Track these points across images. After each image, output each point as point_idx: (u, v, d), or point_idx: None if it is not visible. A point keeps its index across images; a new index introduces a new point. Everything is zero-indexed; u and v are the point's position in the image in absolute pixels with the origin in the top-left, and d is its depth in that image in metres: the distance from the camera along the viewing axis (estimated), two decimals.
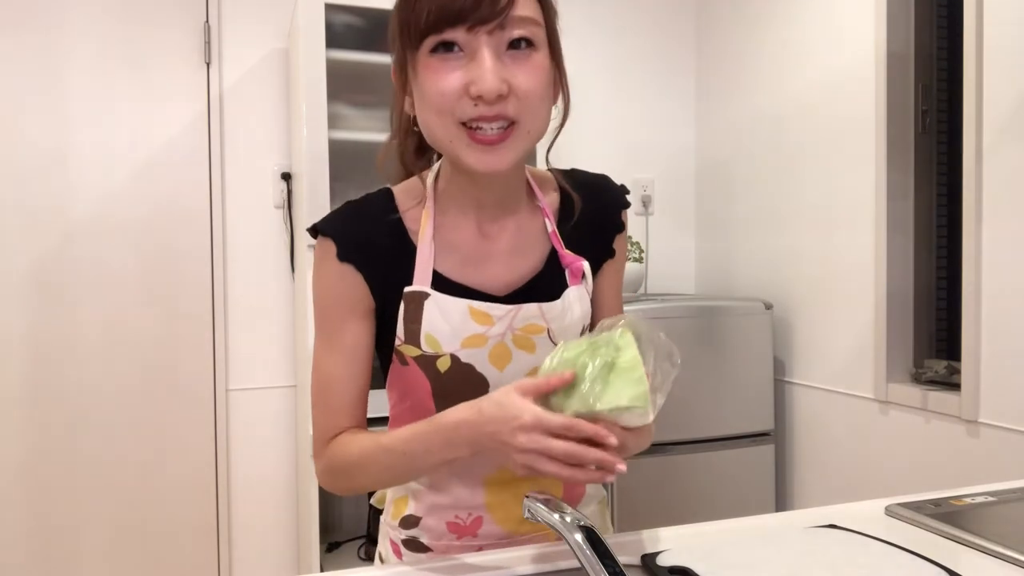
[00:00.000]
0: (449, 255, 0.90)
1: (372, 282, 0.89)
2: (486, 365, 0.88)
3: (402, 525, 0.98)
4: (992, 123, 1.75)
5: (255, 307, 2.47)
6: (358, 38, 2.20)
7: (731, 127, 2.72)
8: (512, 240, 0.92)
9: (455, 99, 0.78)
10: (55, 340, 2.28)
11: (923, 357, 2.09)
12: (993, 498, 1.02)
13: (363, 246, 0.89)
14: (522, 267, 0.91)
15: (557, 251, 0.93)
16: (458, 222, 0.91)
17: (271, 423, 2.49)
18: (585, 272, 0.93)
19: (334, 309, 0.90)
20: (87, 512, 2.32)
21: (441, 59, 0.78)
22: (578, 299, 0.92)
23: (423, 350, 0.88)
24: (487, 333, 0.87)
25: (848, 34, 2.17)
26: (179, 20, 2.38)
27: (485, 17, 0.76)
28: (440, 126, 0.80)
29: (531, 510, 0.68)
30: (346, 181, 2.28)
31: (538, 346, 0.89)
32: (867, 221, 2.12)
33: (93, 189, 2.32)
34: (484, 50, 0.77)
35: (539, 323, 0.89)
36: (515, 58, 0.78)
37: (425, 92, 0.79)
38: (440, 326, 0.87)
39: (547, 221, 0.94)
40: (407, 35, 0.79)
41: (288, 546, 2.52)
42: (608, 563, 0.59)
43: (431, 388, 0.90)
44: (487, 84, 0.76)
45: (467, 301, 0.87)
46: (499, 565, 0.84)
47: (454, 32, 0.76)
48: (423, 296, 0.87)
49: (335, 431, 0.89)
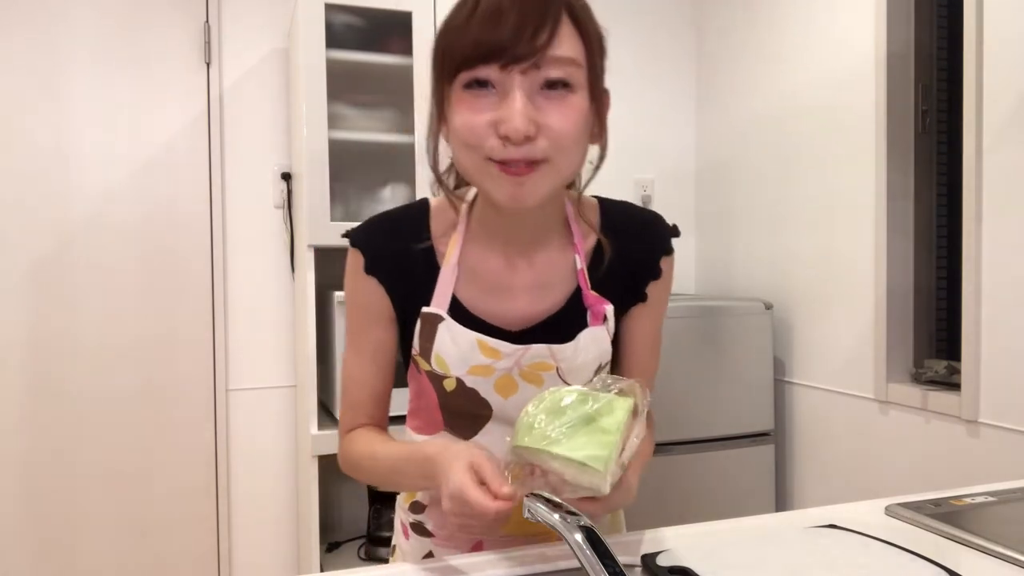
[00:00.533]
0: (471, 283, 0.91)
1: (394, 296, 0.92)
2: (491, 392, 0.90)
3: (411, 509, 1.02)
4: (992, 123, 1.75)
5: (255, 307, 2.47)
6: (358, 38, 2.20)
7: (731, 127, 2.72)
8: (537, 275, 0.91)
9: (484, 136, 0.77)
10: (55, 340, 2.28)
11: (923, 357, 2.09)
12: (993, 498, 1.02)
13: (389, 263, 0.92)
14: (544, 303, 0.91)
15: (582, 290, 0.92)
16: (486, 251, 0.91)
17: (271, 423, 2.49)
18: (607, 315, 0.92)
19: (359, 316, 0.94)
20: (87, 512, 2.32)
21: (474, 95, 0.77)
22: (594, 340, 0.91)
23: (432, 368, 0.91)
24: (494, 365, 0.89)
25: (848, 34, 2.17)
26: (179, 20, 2.38)
27: (520, 56, 0.74)
28: (469, 160, 0.80)
29: (531, 510, 0.68)
30: (346, 181, 2.28)
31: (546, 381, 0.90)
32: (867, 221, 2.12)
33: (93, 189, 2.32)
34: (516, 91, 0.75)
35: (548, 362, 0.89)
36: (549, 98, 0.77)
37: (455, 126, 0.79)
38: (450, 350, 0.89)
39: (577, 258, 0.92)
40: (442, 67, 0.79)
41: (288, 546, 2.52)
42: (608, 563, 0.59)
43: (438, 401, 0.94)
44: (514, 125, 0.74)
45: (477, 335, 0.88)
46: (499, 565, 0.84)
47: (487, 69, 0.75)
48: (438, 319, 0.89)
49: (353, 425, 0.96)
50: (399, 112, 2.25)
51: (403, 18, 2.16)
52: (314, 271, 2.12)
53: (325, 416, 2.20)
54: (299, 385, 2.35)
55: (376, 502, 2.31)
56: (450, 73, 0.78)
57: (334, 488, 2.53)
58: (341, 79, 2.17)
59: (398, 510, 1.07)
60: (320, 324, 2.20)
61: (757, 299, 2.46)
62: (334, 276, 2.45)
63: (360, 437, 0.95)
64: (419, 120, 2.18)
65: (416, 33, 2.16)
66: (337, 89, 2.15)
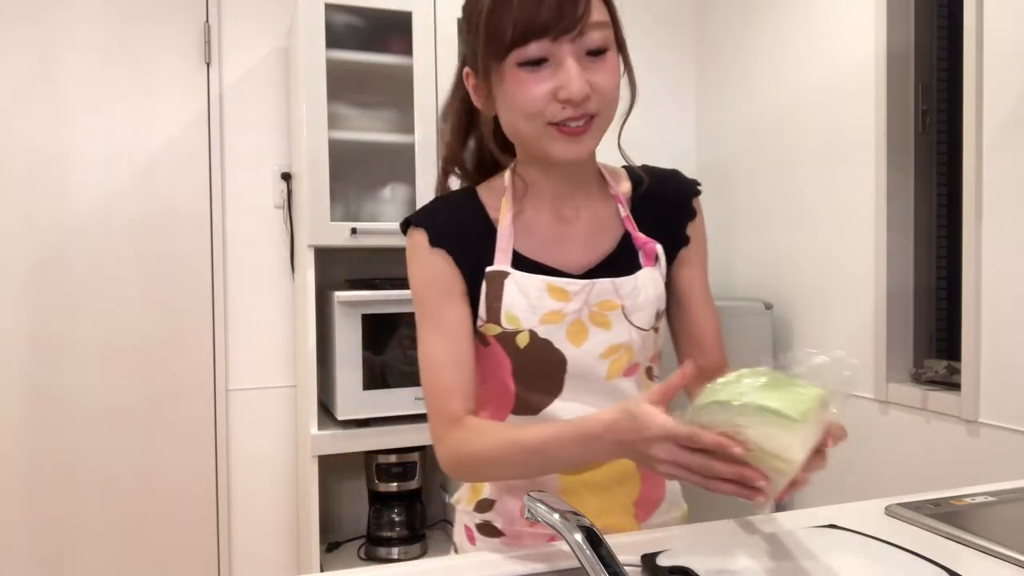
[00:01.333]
0: (528, 238, 0.96)
1: (462, 265, 0.94)
2: (563, 342, 0.93)
3: (477, 509, 1.02)
4: (992, 123, 1.75)
5: (255, 307, 2.47)
6: (358, 38, 2.20)
7: (731, 127, 2.72)
8: (587, 224, 0.97)
9: (544, 104, 0.85)
10: (55, 340, 2.28)
11: (923, 357, 2.09)
12: (993, 498, 1.02)
13: (451, 232, 0.95)
14: (597, 248, 0.97)
15: (630, 234, 0.98)
16: (536, 209, 0.97)
17: (271, 423, 2.49)
18: (658, 254, 0.98)
19: (431, 293, 0.95)
20: (87, 512, 2.32)
21: (529, 71, 0.85)
22: (652, 280, 0.96)
23: (503, 327, 0.93)
24: (564, 309, 0.92)
25: (848, 34, 2.17)
26: (179, 20, 2.38)
27: (567, 27, 0.83)
28: (529, 127, 0.87)
29: (531, 510, 0.68)
30: (346, 181, 2.28)
31: (613, 323, 0.94)
32: (867, 221, 2.12)
33: (93, 189, 2.32)
34: (568, 58, 0.84)
35: (613, 299, 0.94)
36: (593, 62, 0.86)
37: (515, 99, 0.86)
38: (519, 303, 0.92)
39: (620, 207, 0.99)
40: (492, 48, 0.85)
41: (288, 546, 2.52)
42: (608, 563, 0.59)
43: (511, 366, 0.95)
44: (574, 89, 0.83)
45: (545, 278, 0.92)
46: (499, 565, 0.84)
47: (539, 44, 0.83)
48: (503, 275, 0.93)
49: (452, 416, 0.91)
50: (399, 112, 2.25)
51: (403, 18, 2.16)
52: (314, 271, 2.12)
53: (325, 416, 2.20)
54: (299, 385, 2.35)
55: (376, 502, 2.32)
56: (500, 53, 0.85)
57: (334, 488, 2.53)
58: (341, 79, 2.17)
59: (460, 514, 1.06)
60: (320, 324, 2.20)
61: (757, 299, 2.46)
62: (334, 276, 2.46)
63: (482, 430, 0.89)
64: (419, 120, 2.18)
65: (416, 33, 2.16)
66: (337, 89, 2.15)
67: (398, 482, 2.26)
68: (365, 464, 2.31)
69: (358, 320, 2.09)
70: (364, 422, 2.12)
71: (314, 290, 2.12)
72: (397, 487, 2.27)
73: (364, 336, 2.09)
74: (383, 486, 2.27)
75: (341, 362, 2.08)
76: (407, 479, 2.27)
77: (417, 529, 2.32)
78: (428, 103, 2.17)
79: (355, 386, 2.09)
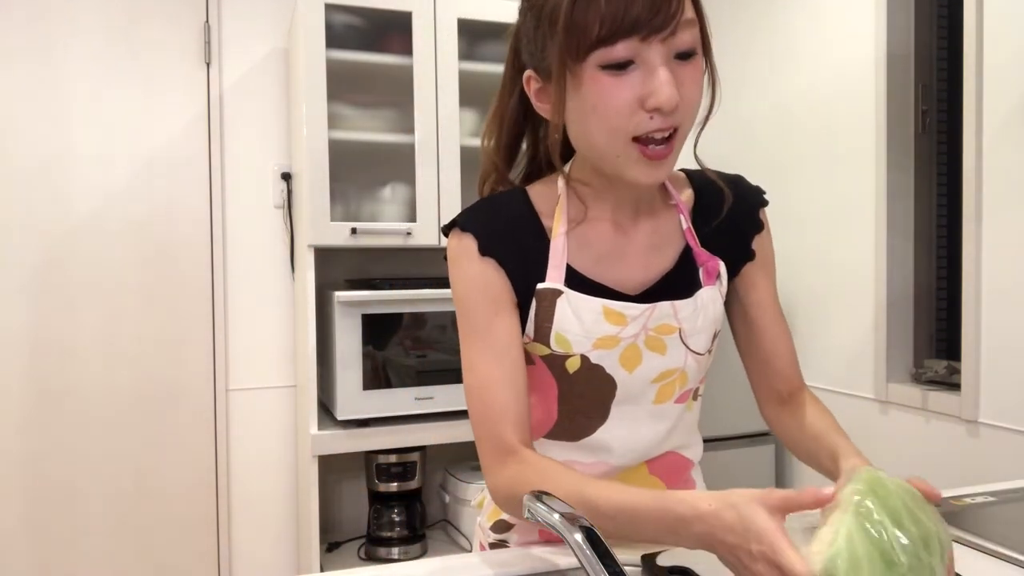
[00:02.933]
0: (584, 251, 0.88)
1: (513, 277, 0.85)
2: (616, 367, 0.86)
3: (494, 528, 0.98)
4: (992, 123, 1.75)
5: (255, 307, 2.47)
6: (358, 38, 2.20)
7: (731, 127, 2.72)
8: (648, 237, 0.89)
9: (629, 115, 0.76)
10: (55, 340, 2.28)
11: (923, 357, 2.09)
12: (993, 498, 1.02)
13: (503, 240, 0.86)
14: (657, 265, 0.89)
15: (692, 249, 0.90)
16: (594, 219, 0.88)
17: (271, 423, 2.49)
18: (720, 272, 0.91)
19: (481, 306, 0.85)
20: (87, 511, 2.32)
21: (612, 75, 0.75)
22: (712, 300, 0.89)
23: (552, 349, 0.86)
24: (620, 335, 0.85)
25: (848, 34, 2.17)
26: (179, 20, 2.38)
27: (660, 25, 0.73)
28: (610, 142, 0.78)
29: (531, 510, 0.68)
30: (346, 181, 2.28)
31: (669, 347, 0.87)
32: (867, 221, 2.12)
33: (93, 189, 2.32)
34: (658, 61, 0.74)
35: (672, 323, 0.87)
36: (681, 67, 0.76)
37: (596, 107, 0.76)
38: (572, 326, 0.84)
39: (682, 218, 0.91)
40: (572, 47, 0.75)
41: (288, 546, 2.52)
42: (608, 563, 0.59)
43: (558, 390, 0.88)
44: (664, 97, 0.74)
45: (602, 301, 0.85)
46: (499, 565, 0.84)
47: (627, 43, 0.73)
48: (556, 294, 0.84)
49: (506, 446, 0.82)
50: (399, 112, 2.25)
51: (403, 18, 2.16)
52: (314, 271, 2.12)
53: (325, 416, 2.20)
54: (299, 385, 2.35)
55: (376, 502, 2.32)
56: (582, 52, 0.74)
57: (334, 488, 2.53)
58: (341, 79, 2.17)
59: (477, 529, 1.03)
60: (320, 324, 2.20)
61: None
62: (334, 276, 2.46)
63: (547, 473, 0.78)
64: (419, 120, 2.18)
65: (416, 33, 2.16)
66: (337, 89, 2.15)
67: (398, 482, 2.26)
68: (365, 464, 2.31)
69: (358, 320, 2.09)
70: (364, 422, 2.12)
71: (314, 290, 2.12)
72: (397, 487, 2.27)
73: (364, 336, 2.09)
74: (383, 486, 2.27)
75: (341, 362, 2.08)
76: (407, 479, 2.27)
77: (417, 529, 2.32)
78: (428, 103, 2.17)
79: (355, 386, 2.09)
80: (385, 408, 2.12)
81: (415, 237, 2.18)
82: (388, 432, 2.13)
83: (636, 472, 0.92)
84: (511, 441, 0.81)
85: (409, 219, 2.22)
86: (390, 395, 2.12)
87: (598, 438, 0.89)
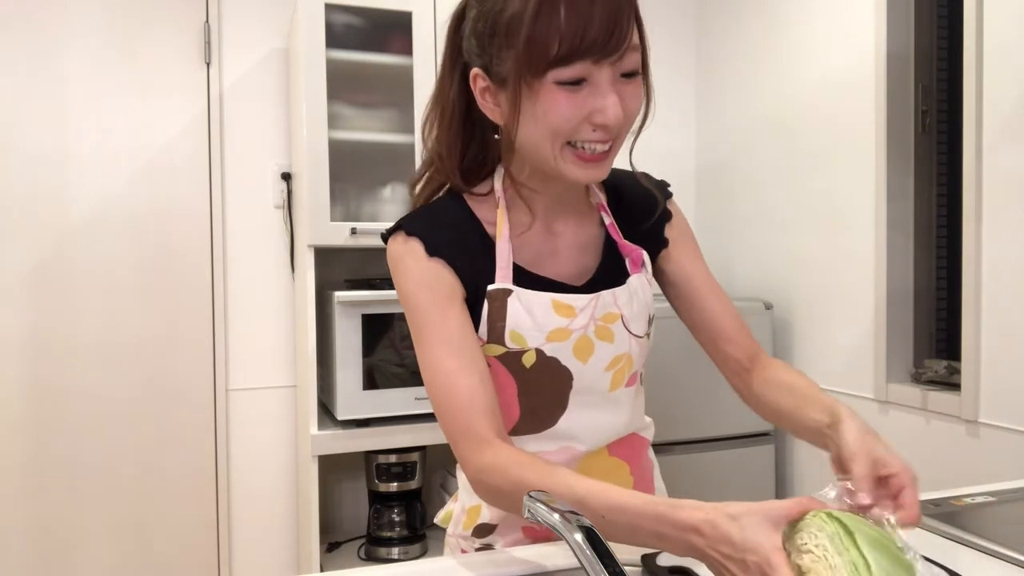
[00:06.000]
0: (523, 250, 0.92)
1: (462, 278, 0.88)
2: (570, 358, 0.90)
3: (476, 534, 0.97)
4: (992, 123, 1.75)
5: (255, 307, 2.47)
6: (358, 38, 2.20)
7: (731, 127, 2.72)
8: (575, 235, 0.95)
9: (576, 126, 0.82)
10: (55, 340, 2.28)
11: (923, 357, 2.09)
12: (993, 498, 1.02)
13: (449, 244, 0.89)
14: (586, 260, 0.95)
15: (616, 242, 0.97)
16: (526, 222, 0.93)
17: (271, 423, 2.49)
18: (644, 261, 0.97)
19: (431, 301, 0.86)
20: (87, 512, 2.32)
21: (568, 90, 0.80)
22: (641, 286, 0.95)
23: (508, 347, 0.89)
24: (570, 326, 0.89)
25: (848, 34, 2.17)
26: (179, 20, 2.38)
27: (612, 49, 0.79)
28: (549, 146, 0.83)
29: (531, 510, 0.68)
30: (346, 181, 2.28)
31: (616, 335, 0.92)
32: (867, 221, 2.12)
33: (93, 189, 2.32)
34: (608, 84, 0.81)
35: (614, 310, 0.92)
36: (625, 84, 0.83)
37: (546, 116, 0.81)
38: (524, 322, 0.88)
39: (603, 215, 0.98)
40: (531, 61, 0.79)
41: (288, 546, 2.52)
42: (608, 563, 0.59)
43: (517, 387, 0.91)
44: (611, 116, 0.81)
45: (550, 294, 0.89)
46: (499, 565, 0.84)
47: (582, 64, 0.79)
48: (506, 293, 0.88)
49: (479, 436, 0.81)
50: (399, 112, 2.25)
51: (403, 18, 2.16)
52: (314, 271, 2.12)
53: (325, 416, 2.20)
54: (299, 385, 2.35)
55: (376, 502, 2.32)
56: (541, 69, 0.79)
57: (334, 488, 2.53)
58: (341, 79, 2.17)
59: (454, 541, 1.01)
60: (320, 324, 2.20)
61: (757, 299, 2.46)
62: (334, 276, 2.46)
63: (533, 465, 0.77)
64: (419, 120, 2.17)
65: (416, 33, 2.16)
66: (337, 89, 2.15)
67: (398, 482, 2.26)
68: (365, 464, 2.31)
69: (358, 320, 2.09)
70: (364, 422, 2.12)
71: (314, 290, 2.12)
72: (397, 487, 2.27)
73: (364, 336, 2.09)
74: (383, 486, 2.27)
75: (341, 362, 2.08)
76: (407, 479, 2.27)
77: (417, 529, 2.32)
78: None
79: (355, 386, 2.09)
80: (385, 408, 2.12)
81: None
82: (388, 432, 2.13)
83: (598, 455, 0.96)
84: (484, 432, 0.81)
85: None
86: (390, 395, 2.12)
87: (562, 428, 0.93)
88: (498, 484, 0.78)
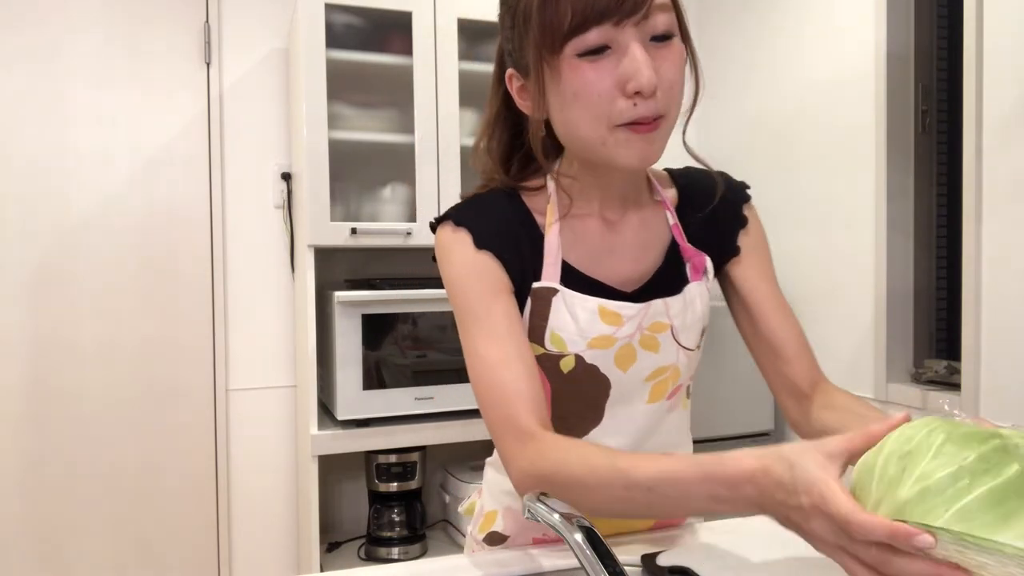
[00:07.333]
0: (576, 247, 0.87)
1: (510, 272, 0.84)
2: (611, 367, 0.86)
3: (487, 541, 0.97)
4: (992, 123, 1.75)
5: (255, 307, 2.47)
6: (358, 38, 2.20)
7: (731, 127, 2.72)
8: (636, 233, 0.89)
9: (610, 101, 0.75)
10: (55, 340, 2.28)
11: (923, 357, 2.09)
12: None
13: (498, 235, 0.84)
14: (646, 261, 0.89)
15: (679, 244, 0.91)
16: (583, 215, 0.88)
17: (271, 423, 2.49)
18: (707, 268, 0.91)
19: (478, 291, 0.82)
20: (86, 512, 2.32)
21: (590, 61, 0.75)
22: (699, 296, 0.90)
23: (547, 349, 0.85)
24: (615, 335, 0.84)
25: (848, 34, 2.17)
26: (179, 20, 2.38)
27: (631, 9, 0.73)
28: (594, 130, 0.77)
29: (531, 510, 0.68)
30: (346, 181, 2.28)
31: (662, 345, 0.87)
32: (867, 221, 2.12)
33: (93, 189, 2.32)
34: (633, 44, 0.74)
35: (664, 320, 0.87)
36: (658, 49, 0.76)
37: (577, 94, 0.76)
38: (567, 325, 0.83)
39: (668, 214, 0.92)
40: (546, 39, 0.75)
41: (288, 546, 2.52)
42: (608, 563, 0.59)
43: (551, 391, 0.87)
44: (644, 78, 0.73)
45: (598, 300, 0.84)
46: (499, 565, 0.84)
47: (600, 29, 0.73)
48: (552, 292, 0.84)
49: (524, 429, 0.76)
50: (399, 112, 2.25)
51: (403, 18, 2.16)
52: (314, 271, 2.12)
53: (325, 416, 2.20)
54: (299, 385, 2.35)
55: (376, 502, 2.32)
56: (556, 44, 0.75)
57: (334, 488, 2.53)
58: (341, 79, 2.17)
59: (470, 540, 1.01)
60: (320, 324, 2.20)
61: None
62: (334, 276, 2.46)
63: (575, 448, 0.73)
64: (419, 120, 2.18)
65: (416, 33, 2.16)
66: (337, 89, 2.15)
67: (398, 482, 2.26)
68: (365, 464, 2.31)
69: (358, 320, 2.09)
70: (364, 422, 2.12)
71: (314, 290, 2.12)
72: (397, 487, 2.27)
73: (364, 336, 2.09)
74: (383, 486, 2.27)
75: (341, 362, 2.08)
76: (407, 479, 2.27)
77: (417, 529, 2.32)
78: (428, 103, 2.17)
79: (355, 386, 2.09)
80: (385, 408, 2.12)
81: (415, 237, 2.18)
82: (388, 432, 2.13)
83: None
84: (528, 425, 0.76)
85: (409, 219, 2.22)
86: (390, 395, 2.12)
87: (593, 440, 0.88)
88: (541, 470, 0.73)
